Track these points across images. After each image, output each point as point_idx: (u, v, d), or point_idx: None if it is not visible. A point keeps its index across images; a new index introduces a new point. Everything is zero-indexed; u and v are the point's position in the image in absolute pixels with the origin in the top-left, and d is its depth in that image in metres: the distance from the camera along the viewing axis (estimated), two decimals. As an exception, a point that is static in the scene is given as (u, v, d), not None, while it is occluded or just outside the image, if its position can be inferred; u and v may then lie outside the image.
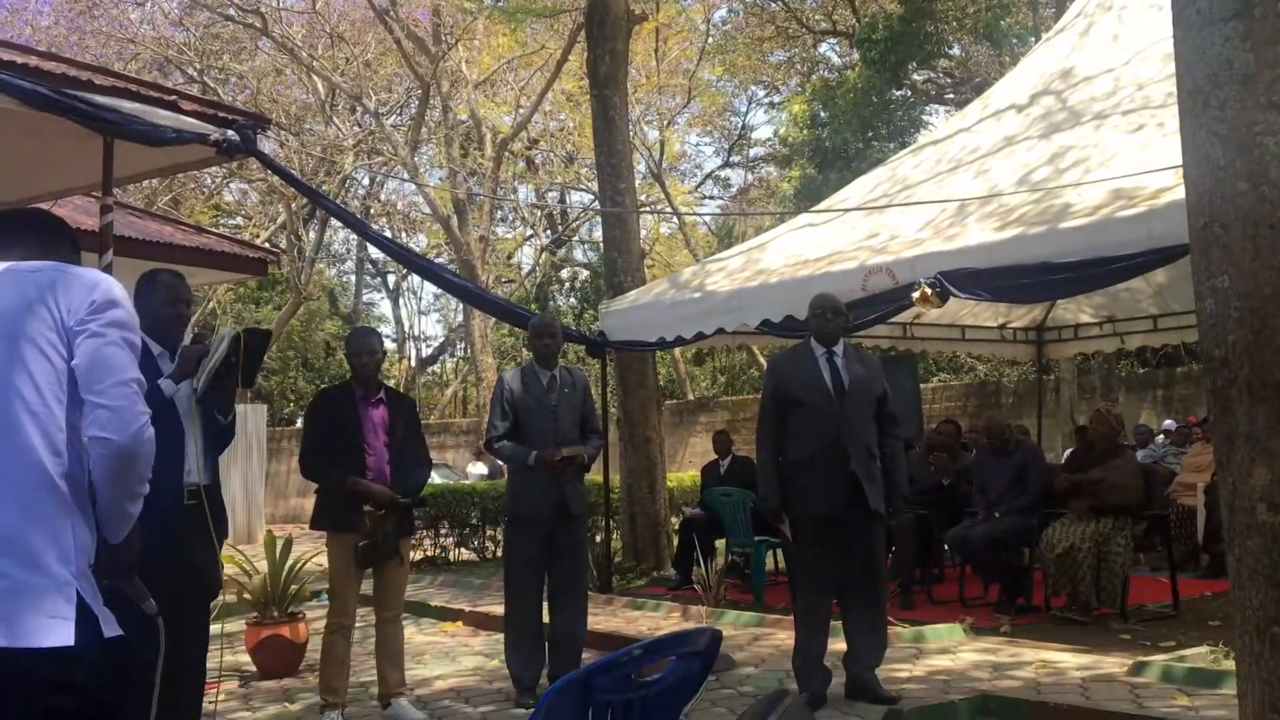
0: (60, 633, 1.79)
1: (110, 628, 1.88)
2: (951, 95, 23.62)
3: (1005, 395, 18.19)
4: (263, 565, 7.00)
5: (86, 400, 1.88)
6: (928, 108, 24.70)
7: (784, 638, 6.77)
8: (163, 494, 2.90)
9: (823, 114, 23.23)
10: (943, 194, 8.03)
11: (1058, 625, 6.93)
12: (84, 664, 1.80)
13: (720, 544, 9.30)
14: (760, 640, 7.00)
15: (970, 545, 7.60)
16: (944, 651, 6.42)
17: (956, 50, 23.18)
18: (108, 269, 5.94)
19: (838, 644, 5.50)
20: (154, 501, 2.28)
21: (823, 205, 10.10)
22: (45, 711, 1.78)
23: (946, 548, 8.39)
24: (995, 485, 7.78)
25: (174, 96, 6.25)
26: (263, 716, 5.71)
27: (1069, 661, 5.94)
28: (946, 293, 6.61)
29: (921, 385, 15.44)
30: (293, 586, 6.98)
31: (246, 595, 7.06)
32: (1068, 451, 10.87)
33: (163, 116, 5.94)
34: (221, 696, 6.08)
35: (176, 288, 4.07)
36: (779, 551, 8.64)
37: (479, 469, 18.19)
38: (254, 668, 6.71)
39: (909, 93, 23.27)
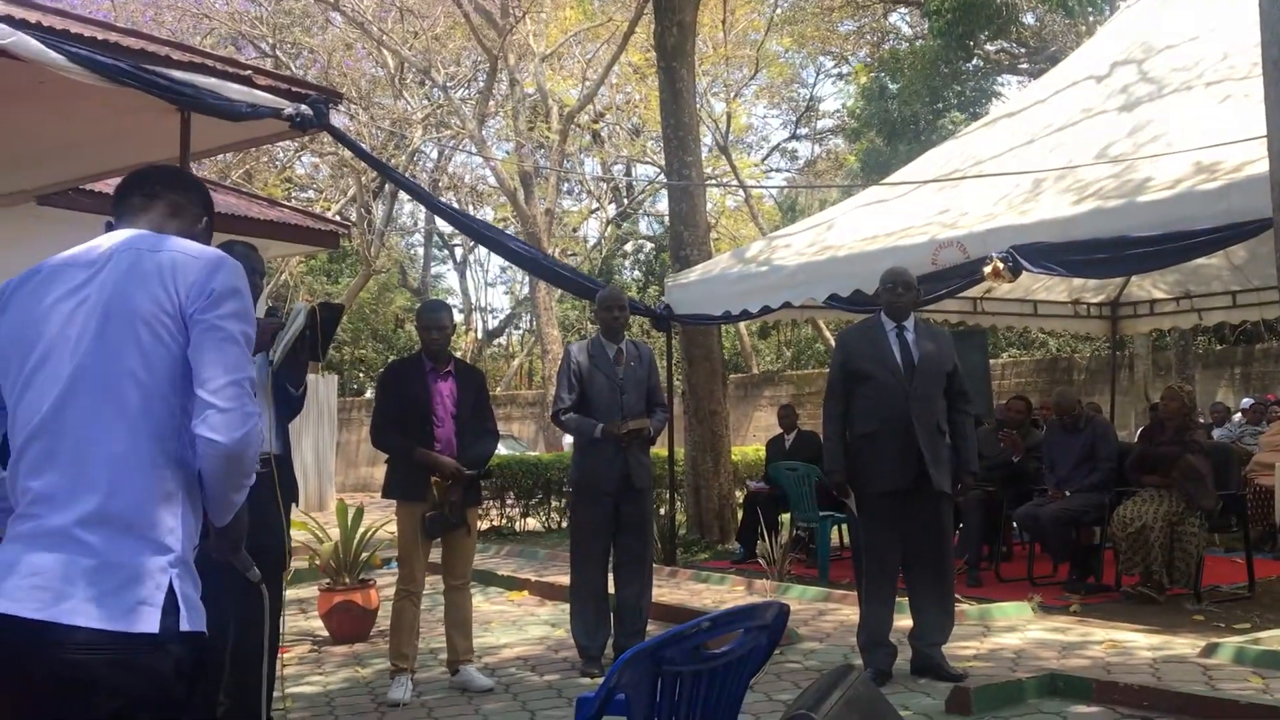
0: (147, 619, 1.78)
1: (194, 621, 1.86)
2: (1025, 65, 23.14)
3: (1077, 371, 17.88)
4: (334, 533, 7.14)
5: (198, 396, 1.86)
6: (1000, 78, 24.24)
7: (849, 613, 6.76)
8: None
9: (891, 85, 22.91)
10: (1016, 167, 7.89)
11: (1129, 605, 6.84)
12: (164, 652, 1.79)
13: (785, 518, 9.29)
14: (825, 615, 7.00)
15: (1040, 523, 7.51)
16: (1011, 630, 6.36)
17: (1030, 19, 22.68)
18: (185, 241, 6.08)
19: (903, 620, 5.48)
20: None
21: (893, 178, 9.98)
22: (119, 694, 1.77)
23: (1015, 525, 8.30)
24: (1064, 462, 7.67)
25: (249, 71, 6.34)
26: (334, 680, 5.84)
27: (1139, 642, 5.86)
28: (1019, 267, 6.51)
29: (991, 361, 15.24)
30: (363, 554, 7.11)
31: (318, 561, 7.22)
32: (1140, 430, 10.68)
33: (238, 91, 6.03)
34: (294, 661, 6.24)
35: (250, 258, 4.14)
36: (844, 527, 8.61)
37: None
38: (326, 633, 6.86)
39: (980, 63, 22.85)
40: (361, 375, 30.58)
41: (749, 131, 29.27)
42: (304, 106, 6.37)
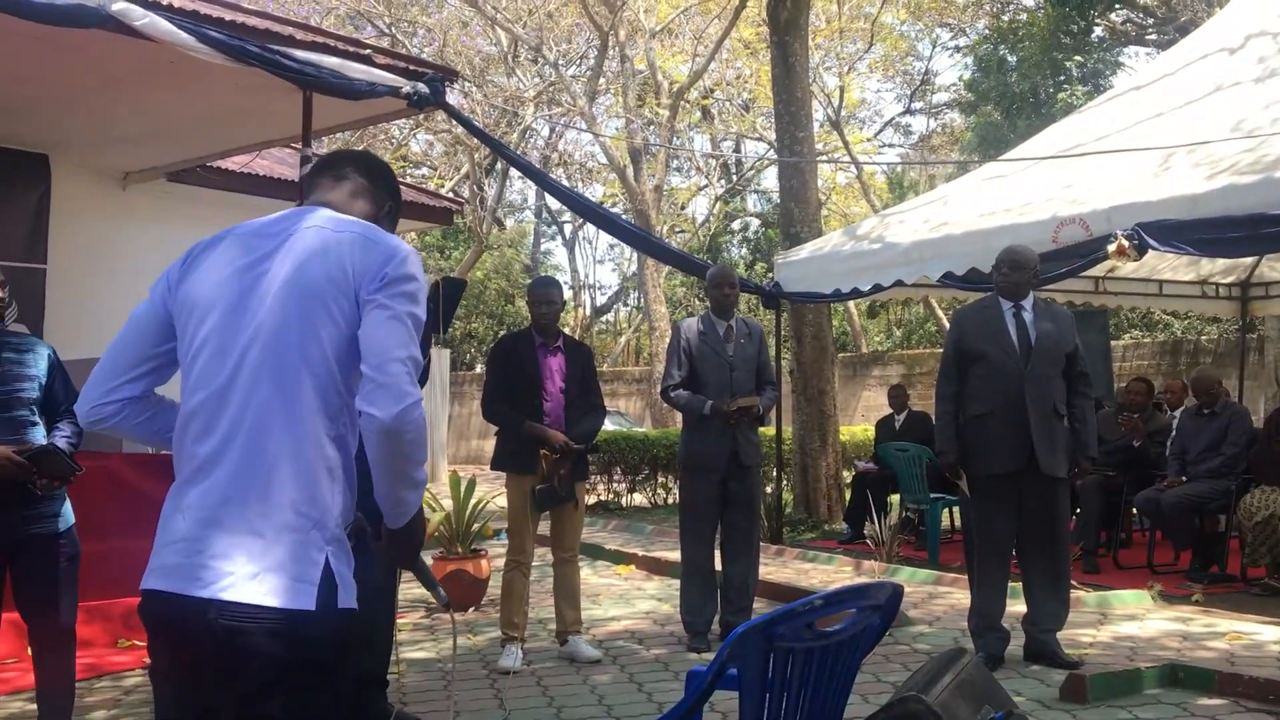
0: (305, 596, 1.83)
1: (347, 599, 1.90)
2: (1153, 36, 22.28)
3: (1203, 355, 17.22)
4: (447, 503, 7.29)
5: (363, 372, 1.88)
6: (1126, 50, 23.37)
7: (959, 597, 6.67)
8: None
9: (1010, 57, 22.26)
10: (1143, 143, 7.61)
11: (1255, 597, 6.59)
12: (319, 626, 1.84)
13: (894, 499, 9.18)
14: (935, 599, 6.91)
15: (1161, 509, 7.27)
16: (1130, 618, 6.20)
17: (1159, -13, 21.81)
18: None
19: (1017, 605, 5.38)
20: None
21: (1013, 154, 9.73)
22: (277, 664, 1.82)
23: (1135, 511, 8.06)
24: (1194, 446, 7.40)
25: (368, 51, 6.47)
26: (447, 647, 5.97)
27: (1266, 635, 5.65)
28: (1145, 245, 6.29)
29: (1113, 343, 14.78)
30: (475, 524, 7.25)
31: (430, 531, 7.38)
32: (1269, 415, 10.24)
33: (358, 70, 6.17)
34: (408, 627, 6.40)
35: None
36: (955, 509, 8.48)
37: None
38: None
39: (1105, 34, 22.06)
40: (472, 350, 31.08)
41: (862, 106, 28.80)
42: (421, 85, 6.48)
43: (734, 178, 29.33)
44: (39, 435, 3.84)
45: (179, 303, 2.02)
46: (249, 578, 1.81)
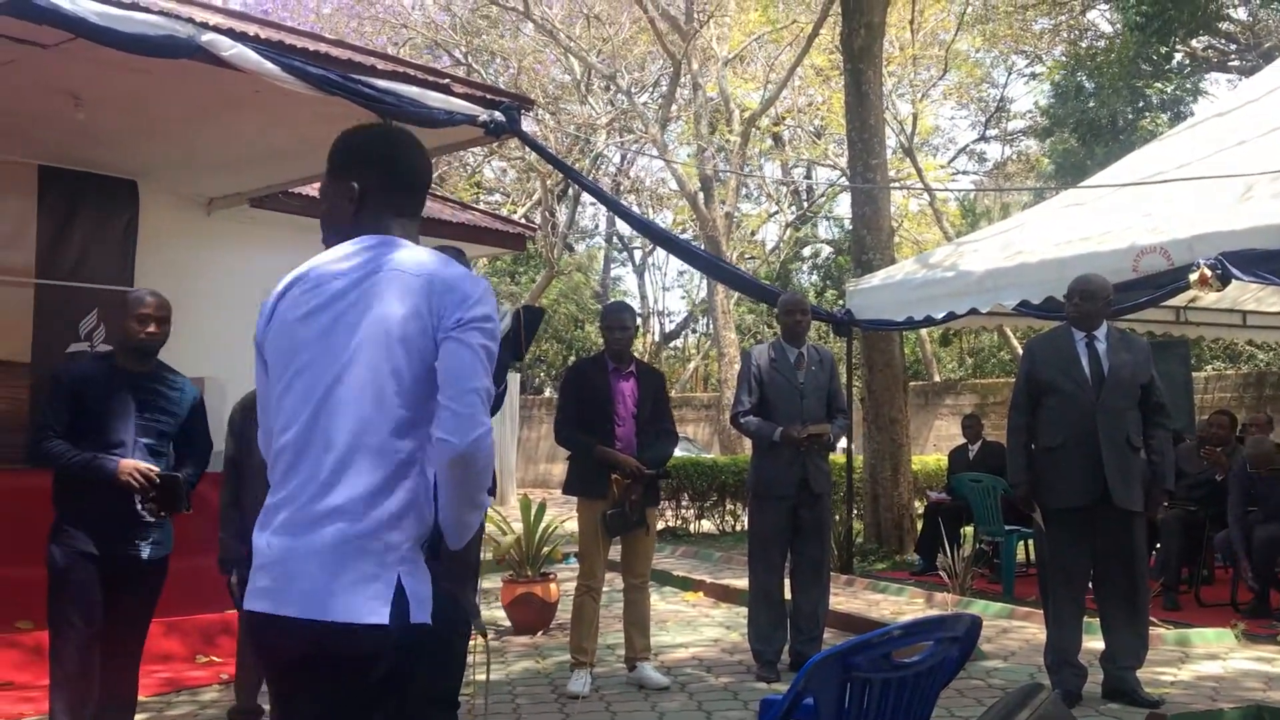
0: (379, 612, 1.91)
1: (421, 613, 1.98)
2: (1236, 62, 21.85)
3: (1288, 387, 16.76)
4: (517, 526, 7.34)
5: (439, 402, 1.97)
6: (1208, 76, 22.94)
7: (1034, 631, 6.54)
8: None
9: (1089, 84, 21.98)
10: (1225, 170, 7.46)
11: (1345, 639, 6.38)
12: (392, 644, 1.92)
13: (967, 531, 9.05)
14: (1009, 633, 6.79)
15: (1249, 545, 7.07)
16: (1212, 658, 6.03)
17: (1242, 14, 21.39)
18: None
19: (1094, 642, 5.26)
20: None
21: (1092, 181, 9.59)
22: (354, 673, 1.92)
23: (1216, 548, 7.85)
24: (1270, 501, 7.18)
25: (446, 80, 6.59)
26: (516, 670, 6.00)
27: (1358, 679, 5.46)
28: (1228, 275, 6.16)
29: (1194, 374, 14.44)
30: (544, 548, 7.30)
31: (500, 554, 7.44)
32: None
33: (436, 99, 6.28)
34: (478, 649, 6.44)
35: (459, 262, 4.33)
36: (1030, 542, 8.32)
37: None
38: (508, 622, 7.06)
39: (1186, 60, 21.67)
40: (541, 374, 31.28)
41: (935, 133, 28.60)
42: (497, 113, 6.58)
43: (805, 204, 29.26)
44: (163, 467, 4.02)
45: (269, 350, 2.12)
46: (329, 596, 1.90)
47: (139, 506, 3.90)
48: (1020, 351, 21.03)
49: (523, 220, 16.87)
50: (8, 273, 7.39)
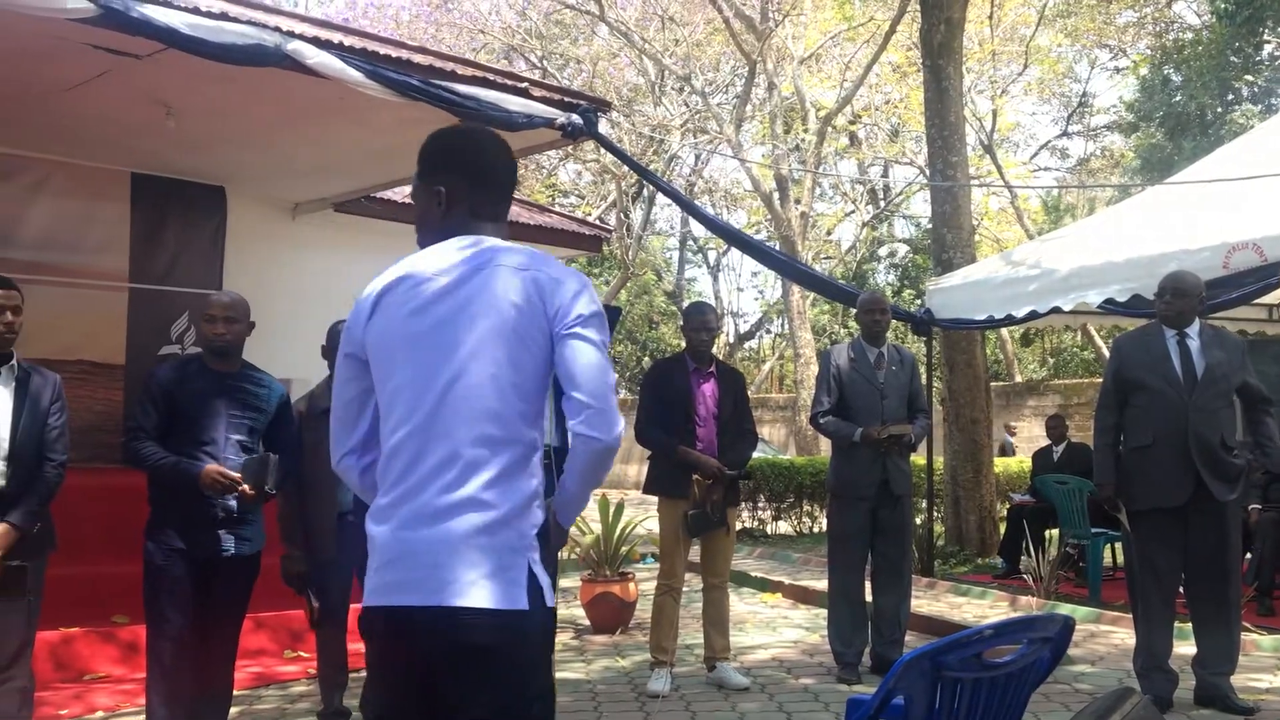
0: (518, 598, 1.95)
1: (550, 598, 2.04)
2: (1330, 51, 21.14)
3: (1388, 387, 16.18)
4: (595, 526, 7.38)
5: (574, 398, 2.01)
6: (1302, 67, 22.23)
7: (1123, 636, 6.41)
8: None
9: (1175, 77, 21.46)
10: (1322, 162, 7.24)
11: None
12: (531, 624, 1.96)
13: (1051, 534, 8.88)
14: (1096, 637, 6.65)
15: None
16: (1310, 665, 5.85)
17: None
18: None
19: (1185, 647, 5.14)
20: None
21: (1180, 176, 9.36)
22: (496, 658, 1.94)
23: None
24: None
25: (525, 83, 6.64)
26: (595, 669, 6.03)
27: None
28: (1325, 271, 5.97)
29: (1287, 373, 14.00)
30: (623, 548, 7.33)
31: (577, 553, 7.48)
32: None
33: (515, 103, 6.33)
34: (558, 647, 6.49)
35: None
36: (1117, 545, 8.15)
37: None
38: (587, 621, 7.10)
39: (1277, 51, 21.04)
40: (616, 374, 31.37)
41: (1015, 129, 28.12)
42: (575, 116, 6.62)
43: (881, 203, 28.97)
44: None
45: (372, 347, 2.12)
46: (471, 584, 1.93)
47: (229, 501, 3.98)
48: (1104, 351, 20.60)
49: (598, 222, 16.97)
50: (103, 277, 7.62)
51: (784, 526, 12.96)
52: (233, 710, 4.32)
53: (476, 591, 1.92)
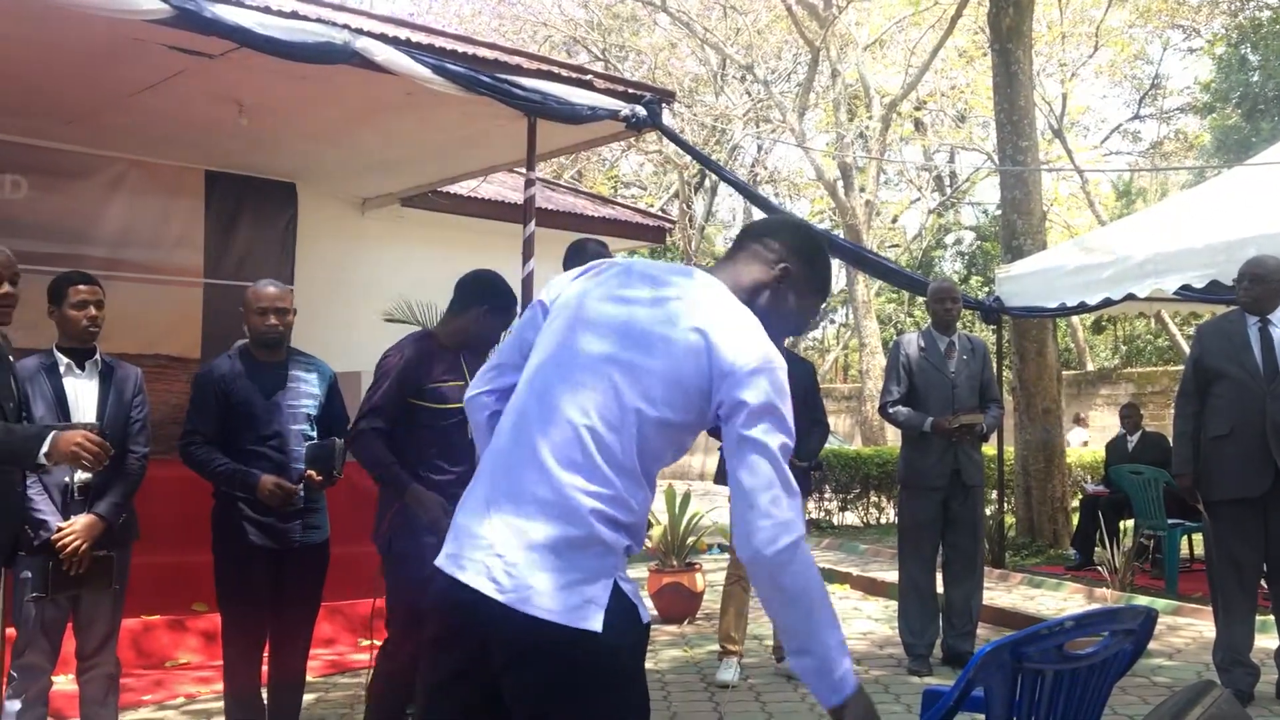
0: (595, 618, 1.81)
1: (634, 617, 1.89)
2: None
3: None
4: (663, 517, 7.39)
5: (739, 507, 1.87)
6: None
7: (1201, 629, 6.29)
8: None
9: (1253, 56, 20.89)
10: None
11: None
12: (606, 645, 1.82)
13: (1126, 525, 8.72)
14: (1174, 630, 6.53)
15: None
16: (1400, 660, 5.67)
17: None
18: (530, 239, 6.48)
19: (1267, 640, 5.02)
20: None
21: (1260, 158, 9.11)
22: (558, 675, 1.83)
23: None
24: None
25: (589, 76, 6.66)
26: (664, 658, 6.05)
27: None
28: None
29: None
30: (690, 538, 7.33)
31: (647, 544, 7.49)
32: None
33: (580, 95, 6.35)
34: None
35: (601, 254, 4.43)
36: (1195, 536, 7.99)
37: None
38: (655, 611, 7.12)
39: (1362, 27, 20.41)
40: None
41: (1086, 113, 27.56)
42: (639, 107, 6.62)
43: (948, 190, 28.59)
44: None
45: (559, 301, 2.06)
46: (545, 591, 1.81)
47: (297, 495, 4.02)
48: (1179, 338, 20.15)
49: (660, 213, 16.96)
50: (179, 273, 7.80)
51: (851, 517, 12.87)
52: (307, 697, 4.40)
53: (544, 598, 1.81)
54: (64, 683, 4.45)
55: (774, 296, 2.06)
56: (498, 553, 1.85)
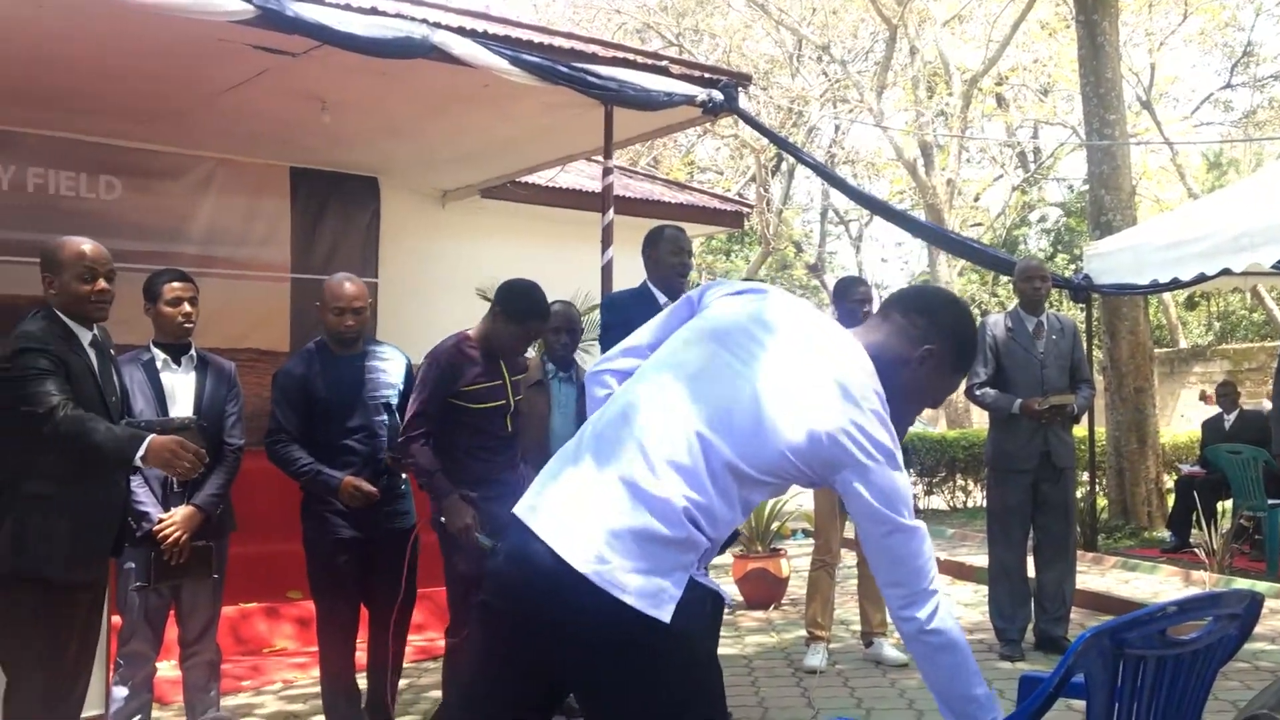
0: (667, 608, 1.81)
1: (725, 597, 1.96)
2: None
3: None
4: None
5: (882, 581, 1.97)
6: None
7: (1307, 612, 6.10)
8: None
9: (1353, 18, 20.04)
10: None
11: None
12: (680, 636, 1.83)
13: (1224, 506, 8.49)
14: (1277, 614, 6.33)
15: None
16: None
17: None
18: (609, 227, 6.49)
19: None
20: None
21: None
22: (628, 666, 1.84)
23: None
24: None
25: (665, 62, 6.63)
26: (750, 644, 6.04)
27: None
28: None
29: None
30: (774, 524, 7.30)
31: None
32: None
33: (655, 82, 6.33)
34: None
35: (678, 240, 4.42)
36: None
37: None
38: (740, 597, 7.11)
39: None
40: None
41: (1175, 83, 26.73)
42: (715, 92, 6.58)
43: (1032, 166, 27.97)
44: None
45: (710, 309, 2.10)
46: (627, 572, 1.82)
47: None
48: (1277, 313, 19.47)
49: (737, 197, 16.86)
50: (267, 269, 7.96)
51: (937, 501, 12.71)
52: (400, 682, 4.48)
53: (625, 579, 1.82)
54: (166, 669, 4.58)
55: (913, 375, 2.06)
56: (581, 522, 1.86)
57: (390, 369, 4.26)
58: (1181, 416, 16.90)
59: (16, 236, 6.73)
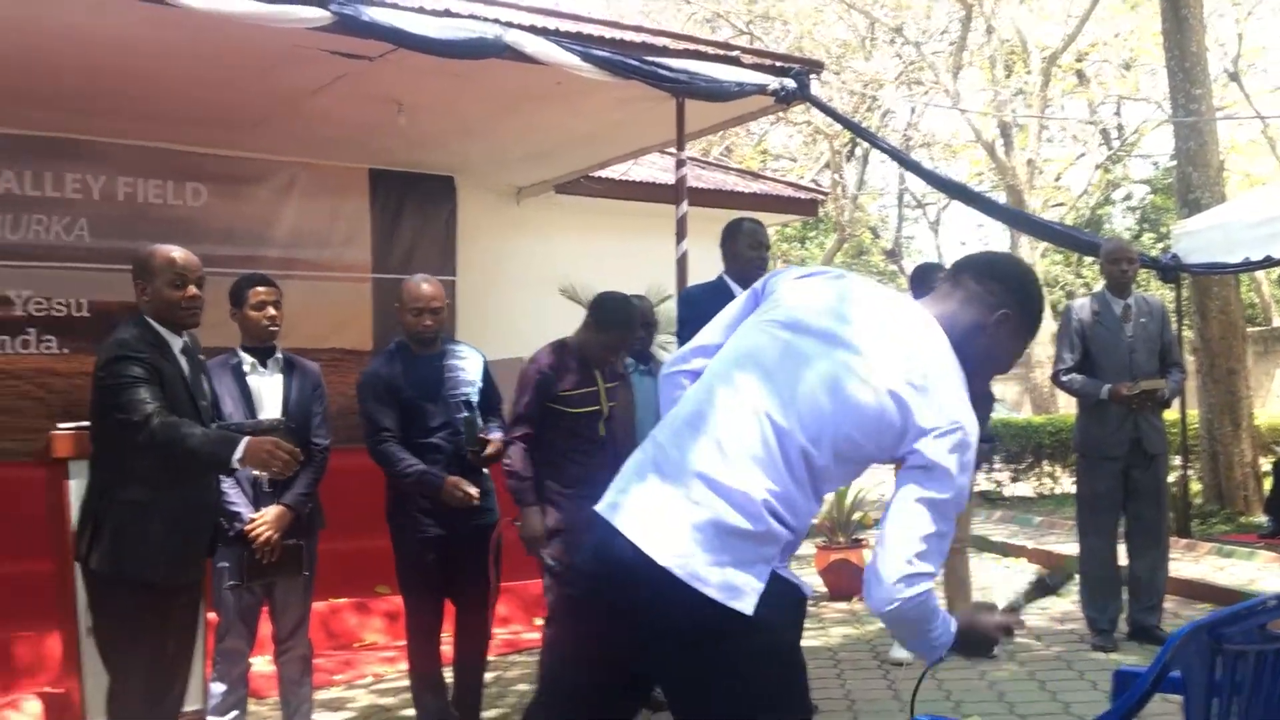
0: (748, 600, 1.85)
1: (806, 590, 1.98)
2: None
3: None
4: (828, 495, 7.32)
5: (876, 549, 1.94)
6: None
7: None
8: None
9: None
10: None
11: None
12: (764, 628, 1.86)
13: (1324, 489, 8.22)
14: (1383, 600, 6.12)
15: None
16: None
17: None
18: (683, 220, 6.49)
19: None
20: None
21: None
22: (715, 660, 1.88)
23: None
24: None
25: (735, 52, 6.61)
26: (835, 635, 6.00)
27: None
28: None
29: None
30: (855, 514, 7.24)
31: (813, 520, 7.44)
32: None
33: (726, 72, 6.32)
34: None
35: (757, 233, 4.42)
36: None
37: None
38: (824, 588, 7.07)
39: None
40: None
41: (1263, 54, 25.86)
42: (787, 80, 6.54)
43: (1115, 143, 27.29)
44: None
45: (777, 295, 2.11)
46: (708, 565, 1.86)
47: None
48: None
49: (812, 184, 16.71)
50: (349, 270, 8.11)
51: (1023, 488, 12.49)
52: (486, 676, 4.53)
53: (707, 571, 1.87)
54: (261, 664, 4.69)
55: (989, 341, 2.07)
56: (662, 518, 1.89)
57: (468, 366, 4.32)
58: (1277, 397, 16.38)
59: (109, 244, 6.95)
